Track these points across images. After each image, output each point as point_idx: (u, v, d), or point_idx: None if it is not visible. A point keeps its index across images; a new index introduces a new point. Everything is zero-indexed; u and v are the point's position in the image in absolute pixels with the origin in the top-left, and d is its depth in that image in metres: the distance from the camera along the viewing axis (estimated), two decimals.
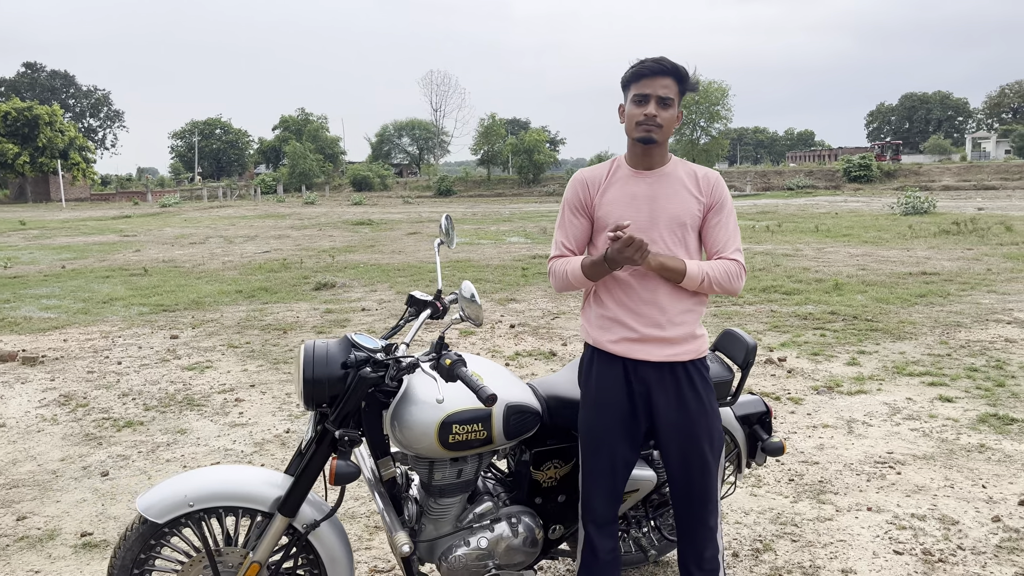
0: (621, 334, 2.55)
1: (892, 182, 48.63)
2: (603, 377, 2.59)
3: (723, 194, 2.57)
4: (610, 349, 2.57)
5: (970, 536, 3.54)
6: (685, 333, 2.54)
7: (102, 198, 58.98)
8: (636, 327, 2.53)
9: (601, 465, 2.60)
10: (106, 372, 6.69)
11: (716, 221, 2.55)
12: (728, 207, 2.58)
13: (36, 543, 3.62)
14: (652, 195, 2.53)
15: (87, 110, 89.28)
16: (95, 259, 16.08)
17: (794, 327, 7.96)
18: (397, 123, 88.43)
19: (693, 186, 2.54)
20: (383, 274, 12.64)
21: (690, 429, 2.56)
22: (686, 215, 2.52)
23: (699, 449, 2.58)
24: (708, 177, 2.57)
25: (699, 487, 2.61)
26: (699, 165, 2.61)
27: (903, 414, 5.23)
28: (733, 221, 2.59)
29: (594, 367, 2.63)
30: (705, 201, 2.54)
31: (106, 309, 9.92)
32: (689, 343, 2.55)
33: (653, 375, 2.54)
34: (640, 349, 2.53)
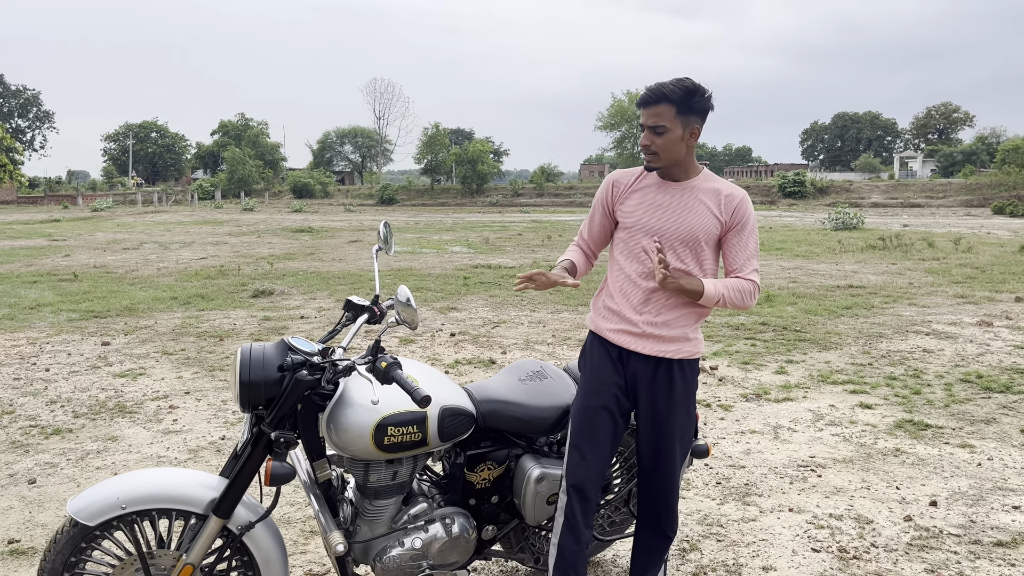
0: (620, 326, 2.70)
1: (825, 198, 50.19)
2: (598, 360, 2.75)
3: (745, 214, 2.64)
4: (608, 337, 2.73)
5: (883, 535, 3.73)
6: (679, 334, 2.67)
7: (30, 201, 56.99)
8: (635, 322, 2.67)
9: (589, 438, 2.71)
10: (33, 379, 6.52)
11: (736, 241, 2.64)
12: (750, 227, 2.66)
13: None
14: (671, 206, 2.64)
15: (15, 110, 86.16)
16: (22, 264, 15.57)
17: (726, 337, 8.19)
18: (339, 130, 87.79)
19: (714, 204, 2.62)
20: (323, 282, 12.55)
21: (666, 423, 2.71)
22: (700, 231, 2.61)
23: (670, 443, 2.73)
24: (732, 197, 2.64)
25: (664, 477, 2.77)
26: (728, 183, 2.68)
27: (826, 420, 5.45)
28: (754, 241, 2.67)
29: (593, 351, 2.79)
30: (725, 220, 2.63)
31: (33, 315, 9.63)
32: (682, 343, 2.68)
33: (642, 367, 2.69)
34: (634, 341, 2.67)
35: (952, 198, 47.65)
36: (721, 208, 2.63)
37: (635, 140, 59.47)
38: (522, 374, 3.05)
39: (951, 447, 4.90)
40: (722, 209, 2.63)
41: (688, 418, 2.77)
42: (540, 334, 8.35)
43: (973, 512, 3.96)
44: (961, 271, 13.52)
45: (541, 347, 7.72)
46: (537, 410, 2.87)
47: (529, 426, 2.87)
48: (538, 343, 7.90)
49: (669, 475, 2.78)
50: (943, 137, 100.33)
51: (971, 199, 46.33)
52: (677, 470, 2.79)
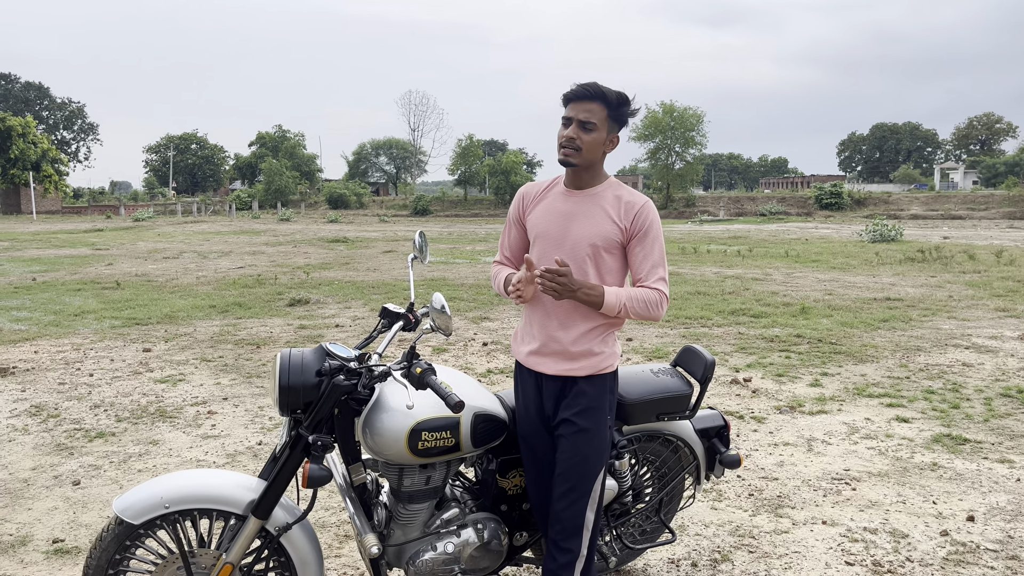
0: (529, 346, 2.72)
1: (862, 210, 49.50)
2: (520, 387, 2.80)
3: (646, 221, 2.59)
4: (522, 360, 2.76)
5: (919, 549, 3.69)
6: (584, 349, 2.63)
7: (74, 211, 58.41)
8: (540, 340, 2.68)
9: (531, 464, 2.76)
10: (78, 384, 6.70)
11: (639, 249, 2.60)
12: (652, 234, 2.60)
13: (8, 549, 3.66)
14: (570, 214, 2.63)
15: (61, 122, 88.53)
16: (66, 272, 15.96)
17: (760, 349, 8.14)
18: (374, 142, 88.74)
19: (615, 211, 2.60)
20: (357, 291, 12.70)
21: (574, 442, 2.63)
22: (598, 238, 2.59)
23: (578, 463, 2.63)
24: (632, 203, 2.60)
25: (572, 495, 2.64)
26: (631, 190, 2.66)
27: (861, 433, 5.40)
28: (659, 249, 2.61)
29: (518, 377, 2.82)
30: (626, 227, 2.59)
31: (77, 322, 9.88)
32: (587, 359, 2.64)
33: (552, 386, 2.68)
34: (541, 362, 2.68)
35: (994, 210, 46.72)
36: (621, 215, 2.60)
37: (668, 151, 59.30)
38: None
39: (990, 462, 4.82)
40: (622, 216, 2.60)
41: (599, 438, 2.65)
42: None
43: (1011, 527, 3.90)
44: (1003, 284, 13.26)
45: None
46: None
47: None
48: None
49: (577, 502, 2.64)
50: (985, 148, 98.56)
51: (1014, 211, 45.38)
52: (584, 495, 2.65)
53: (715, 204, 54.63)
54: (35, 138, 56.88)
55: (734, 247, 22.19)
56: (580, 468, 2.65)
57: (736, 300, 11.57)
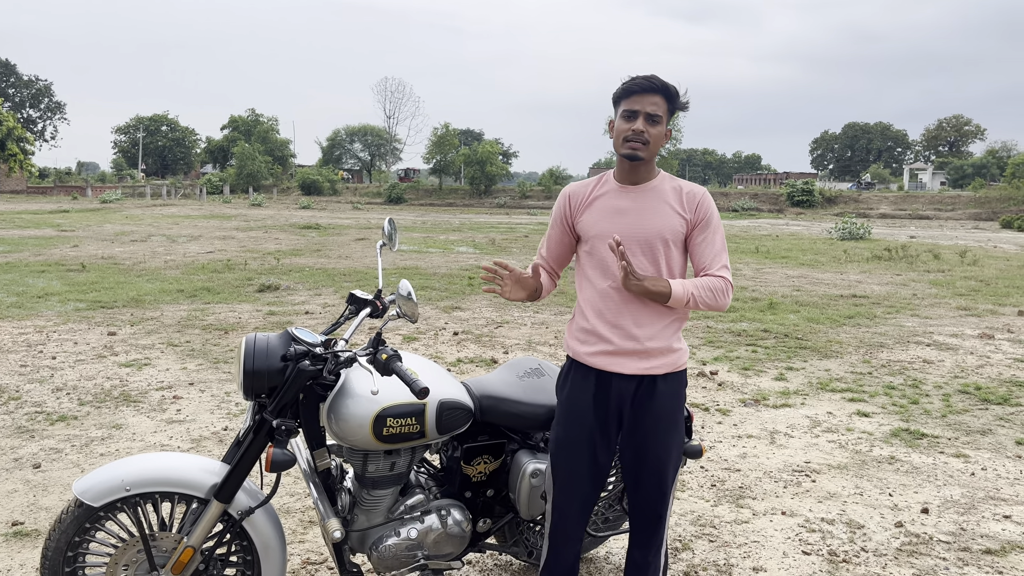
0: (598, 347, 2.59)
1: (833, 208, 50.14)
2: (576, 389, 2.65)
3: (708, 210, 2.58)
4: (587, 361, 2.61)
5: (874, 539, 3.78)
6: (661, 346, 2.57)
7: (39, 191, 57.33)
8: (612, 340, 2.56)
9: (567, 470, 2.65)
10: (40, 366, 6.60)
11: (702, 238, 2.57)
12: (714, 223, 2.60)
13: None
14: (633, 210, 2.57)
15: (27, 100, 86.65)
16: (30, 253, 15.69)
17: (728, 343, 8.24)
18: (349, 128, 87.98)
19: (677, 202, 2.57)
20: (328, 278, 12.63)
21: (651, 443, 2.61)
22: (667, 231, 2.54)
23: (663, 464, 2.64)
24: (693, 193, 2.59)
25: (654, 497, 2.68)
26: (686, 181, 2.64)
27: (823, 427, 5.49)
28: (720, 238, 2.60)
29: (569, 378, 2.68)
30: (689, 218, 2.57)
31: (41, 304, 9.73)
32: (665, 356, 2.58)
33: (625, 387, 2.58)
34: (615, 362, 2.57)
35: (961, 211, 47.57)
36: (684, 205, 2.58)
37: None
38: (520, 371, 3.11)
39: (946, 456, 4.93)
40: (685, 206, 2.58)
41: (676, 434, 2.68)
42: (543, 335, 8.41)
43: (964, 520, 4.00)
44: (965, 283, 13.53)
45: (543, 348, 7.78)
46: (533, 406, 2.92)
47: (525, 422, 2.93)
48: (540, 344, 7.96)
49: (657, 496, 2.68)
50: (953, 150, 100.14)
51: (980, 212, 46.24)
52: (667, 493, 2.69)
53: None
54: (0, 116, 55.66)
55: None
56: (662, 466, 2.64)
57: None
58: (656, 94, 2.51)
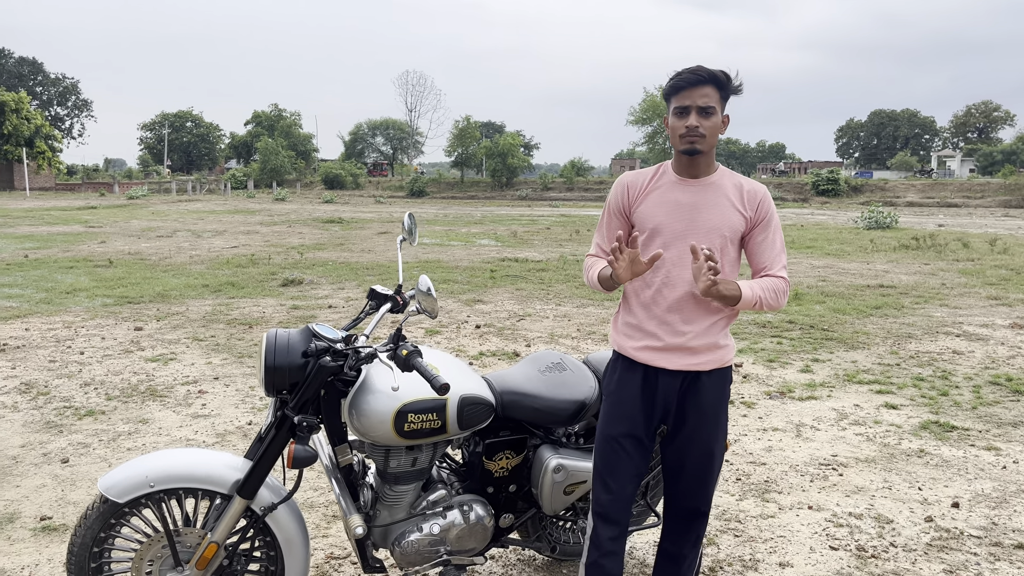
0: (645, 342, 2.57)
1: (859, 196, 49.53)
2: (623, 383, 2.63)
3: (769, 209, 2.55)
4: (633, 356, 2.59)
5: (903, 534, 3.72)
6: (708, 343, 2.54)
7: (67, 188, 58.09)
8: (660, 335, 2.54)
9: (610, 466, 2.62)
10: (68, 361, 6.68)
11: (763, 238, 2.55)
12: (775, 223, 2.57)
13: None
14: (693, 204, 2.52)
15: (55, 98, 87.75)
16: (59, 249, 15.90)
17: (752, 334, 8.16)
18: (371, 122, 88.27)
19: (738, 199, 2.53)
20: (351, 272, 12.68)
21: (700, 439, 2.59)
22: (726, 227, 2.51)
23: (705, 459, 2.62)
24: (755, 192, 2.55)
25: (696, 494, 2.66)
26: (746, 178, 2.60)
27: (850, 419, 5.42)
28: (780, 238, 2.58)
29: (616, 373, 2.66)
30: (750, 216, 2.54)
31: (69, 299, 9.85)
32: (712, 353, 2.55)
33: (671, 383, 2.56)
34: (662, 357, 2.54)
35: (990, 198, 46.78)
36: (745, 203, 2.54)
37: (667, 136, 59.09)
38: (542, 365, 3.09)
39: (976, 449, 4.85)
40: (746, 204, 2.54)
41: (721, 431, 2.65)
42: (565, 328, 8.38)
43: (995, 514, 3.93)
44: (996, 272, 13.29)
45: (566, 341, 7.75)
46: (555, 402, 2.90)
47: (547, 417, 2.91)
48: (563, 337, 7.93)
49: (697, 492, 2.66)
50: (983, 136, 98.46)
51: (1010, 199, 45.44)
52: (710, 486, 2.68)
53: None
54: (28, 114, 56.46)
55: None
56: (706, 463, 2.63)
57: None
58: (705, 85, 2.45)
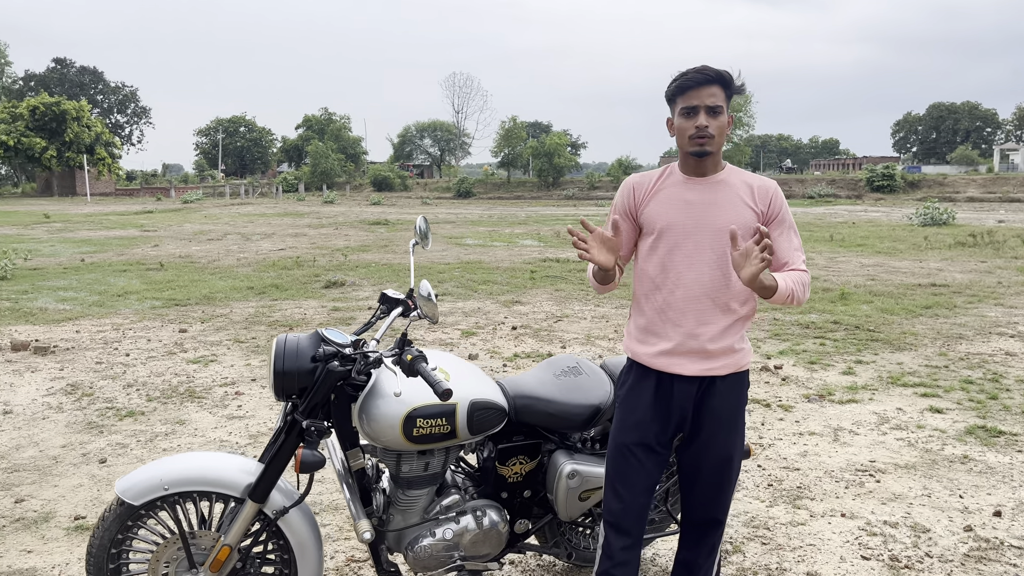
0: (659, 347, 2.51)
1: (915, 192, 48.23)
2: (636, 390, 2.57)
3: (782, 204, 2.51)
4: (647, 362, 2.54)
5: (939, 544, 3.59)
6: (724, 347, 2.48)
7: (126, 193, 59.76)
8: (674, 338, 2.49)
9: (622, 476, 2.57)
10: (114, 363, 6.86)
11: (779, 233, 2.49)
12: (789, 217, 2.52)
13: (31, 524, 3.77)
14: (704, 202, 2.47)
15: (115, 106, 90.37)
16: (114, 253, 16.36)
17: (795, 335, 7.98)
18: (419, 124, 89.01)
19: (748, 196, 2.48)
20: (393, 273, 12.78)
21: (716, 446, 2.54)
22: (739, 225, 2.43)
23: (722, 467, 2.57)
24: (765, 187, 2.51)
25: (712, 503, 2.61)
26: (754, 174, 2.56)
27: (891, 424, 5.26)
28: (796, 232, 2.54)
29: (630, 379, 2.61)
30: (762, 211, 2.48)
31: (120, 302, 10.12)
32: (728, 357, 2.49)
33: (685, 389, 2.50)
34: (677, 363, 2.49)
35: None
36: (756, 199, 2.48)
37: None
38: (557, 369, 3.06)
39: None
40: (757, 200, 2.48)
41: (738, 438, 2.59)
42: (602, 329, 8.31)
43: None
44: None
45: (602, 342, 7.69)
46: (569, 406, 2.87)
47: (561, 422, 2.88)
48: (599, 338, 7.87)
49: (714, 500, 2.61)
50: None
51: None
52: (726, 494, 2.62)
53: None
54: (89, 121, 58.28)
55: None
56: (723, 470, 2.58)
57: None
58: (712, 84, 2.41)
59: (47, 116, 55.66)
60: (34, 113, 55.56)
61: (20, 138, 54.44)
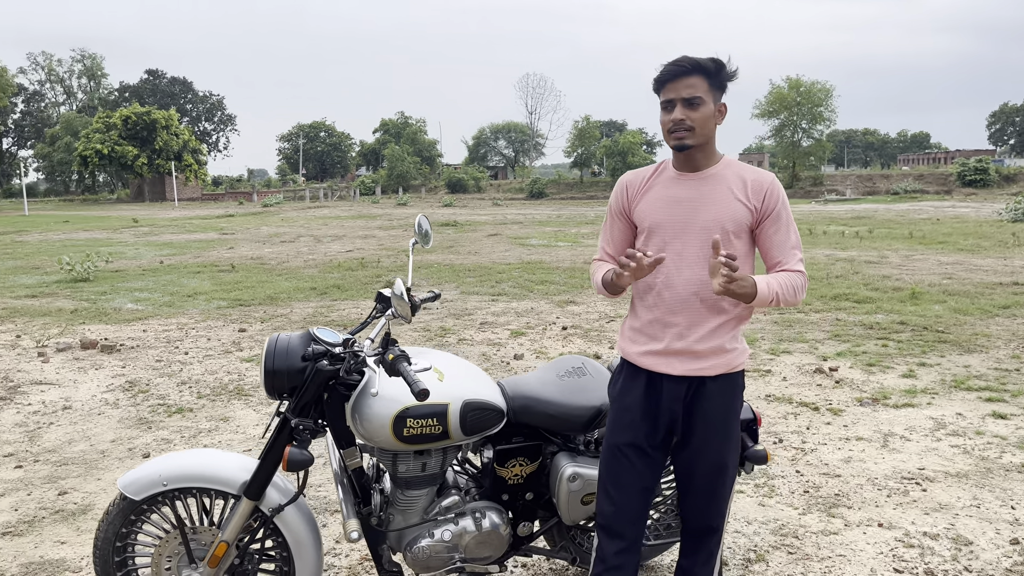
0: (648, 346, 2.46)
1: (1010, 187, 45.81)
2: (626, 391, 2.52)
3: (778, 200, 2.40)
4: (637, 362, 2.49)
5: (981, 558, 3.37)
6: (714, 347, 2.41)
7: (212, 198, 62.03)
8: (663, 339, 2.43)
9: (614, 478, 2.52)
10: (172, 361, 7.10)
11: (774, 230, 2.40)
12: (786, 214, 2.41)
13: (69, 516, 3.92)
14: (691, 198, 2.40)
15: (203, 114, 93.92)
16: (191, 255, 16.98)
17: (856, 336, 7.67)
18: (493, 126, 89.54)
19: (741, 190, 2.38)
20: (453, 274, 12.87)
21: (709, 451, 2.47)
22: (728, 220, 2.36)
23: (715, 473, 2.50)
24: (760, 181, 2.39)
25: (707, 510, 2.55)
26: (753, 167, 2.45)
27: (947, 430, 4.99)
28: (794, 229, 2.43)
29: (620, 379, 2.56)
30: (756, 207, 2.38)
31: (189, 302, 10.48)
32: (718, 357, 2.42)
33: (675, 390, 2.44)
34: (665, 362, 2.43)
35: None
36: (750, 194, 2.37)
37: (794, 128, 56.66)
38: (561, 370, 3.00)
39: None
40: (751, 195, 2.37)
41: (732, 443, 2.50)
42: None
43: None
44: None
45: None
46: (570, 408, 2.81)
47: (562, 423, 2.82)
48: None
49: (708, 506, 2.54)
50: None
51: None
52: (721, 500, 2.54)
53: (842, 183, 51.94)
54: (177, 130, 60.80)
55: (853, 228, 21.03)
56: (716, 476, 2.51)
57: (842, 284, 10.95)
58: (689, 76, 2.33)
59: (138, 125, 58.36)
60: (126, 123, 58.33)
61: (114, 146, 57.30)
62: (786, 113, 55.88)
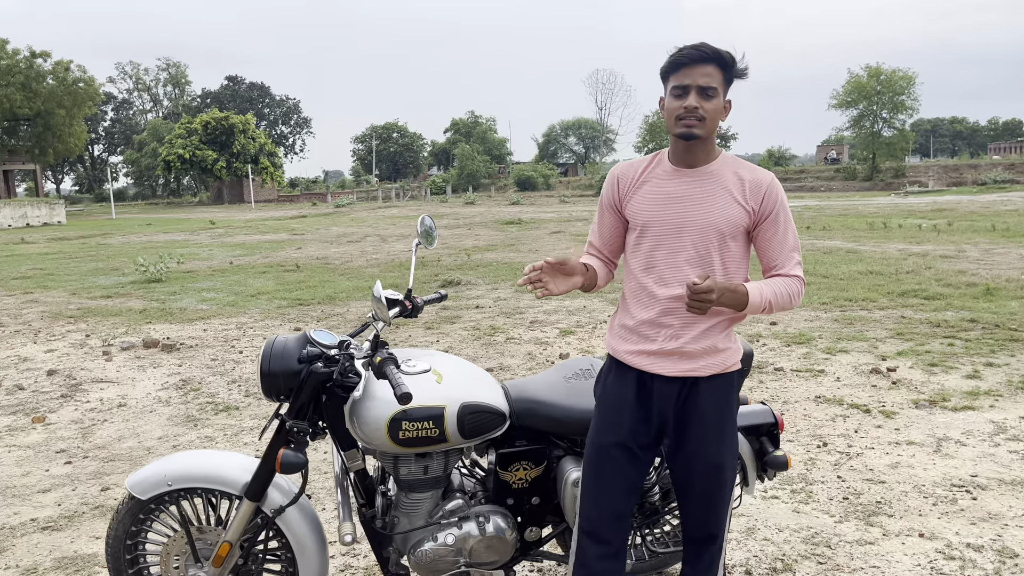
0: (639, 346, 2.40)
1: None
2: (614, 390, 2.46)
3: (776, 201, 2.32)
4: (627, 360, 2.43)
5: None
6: (707, 346, 2.34)
7: (288, 199, 63.66)
8: (654, 339, 2.36)
9: (598, 479, 2.46)
10: (227, 360, 7.29)
11: (772, 233, 2.33)
12: (785, 215, 2.33)
13: (108, 512, 4.04)
14: (686, 196, 2.31)
15: (279, 118, 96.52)
16: (260, 256, 17.43)
17: (920, 335, 7.33)
18: (563, 123, 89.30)
19: (738, 190, 2.30)
20: (510, 272, 12.85)
21: (705, 455, 2.40)
22: (723, 223, 2.29)
23: (712, 477, 2.42)
24: (758, 182, 2.31)
25: (706, 517, 2.47)
26: (752, 165, 2.37)
27: (1007, 434, 4.71)
28: (792, 230, 2.36)
29: (609, 378, 2.50)
30: (753, 208, 2.30)
31: (252, 302, 10.75)
32: (711, 357, 2.35)
33: (667, 390, 2.38)
34: (656, 363, 2.37)
35: None
36: (747, 195, 2.28)
37: (875, 118, 54.64)
38: (569, 372, 2.93)
39: None
40: (748, 196, 2.28)
41: (728, 445, 2.42)
42: None
43: None
44: None
45: None
46: (575, 411, 2.74)
47: (566, 426, 2.76)
48: None
49: (706, 513, 2.45)
50: None
51: None
52: (720, 507, 2.45)
53: (925, 173, 49.87)
54: (254, 134, 62.62)
55: (932, 221, 20.15)
56: (714, 481, 2.43)
57: (911, 280, 10.49)
58: (708, 64, 2.24)
59: (217, 130, 60.39)
60: (206, 128, 60.43)
61: (195, 151, 59.44)
62: (865, 103, 54.03)
